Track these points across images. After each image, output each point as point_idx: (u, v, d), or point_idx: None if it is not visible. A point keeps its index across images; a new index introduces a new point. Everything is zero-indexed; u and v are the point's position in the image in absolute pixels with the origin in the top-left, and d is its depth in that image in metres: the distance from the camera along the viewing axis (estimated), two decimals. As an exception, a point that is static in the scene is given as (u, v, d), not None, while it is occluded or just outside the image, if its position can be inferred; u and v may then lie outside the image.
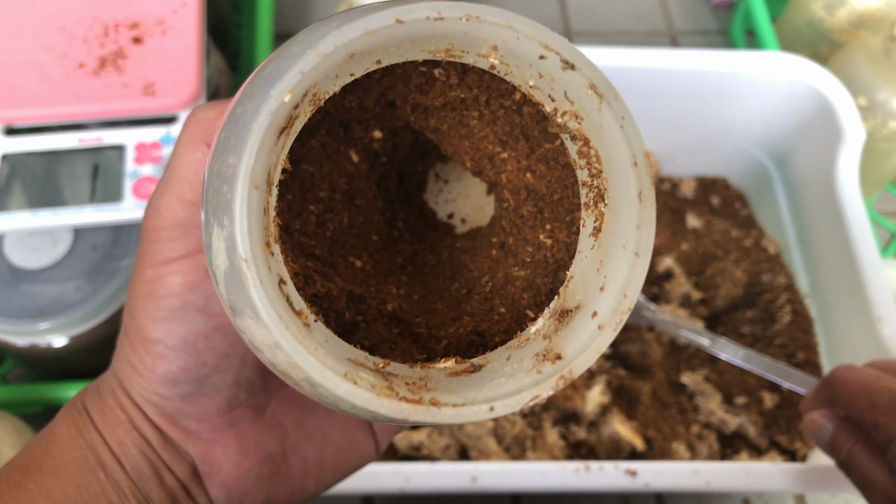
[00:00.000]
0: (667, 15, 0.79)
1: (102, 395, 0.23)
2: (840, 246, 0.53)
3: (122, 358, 0.23)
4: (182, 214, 0.22)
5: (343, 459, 0.26)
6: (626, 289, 0.19)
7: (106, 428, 0.23)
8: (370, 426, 0.27)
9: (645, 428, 0.52)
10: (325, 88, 0.18)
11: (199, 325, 0.22)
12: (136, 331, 0.22)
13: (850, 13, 0.65)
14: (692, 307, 0.58)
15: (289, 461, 0.25)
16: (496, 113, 0.23)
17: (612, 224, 0.20)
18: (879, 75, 0.58)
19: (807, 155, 0.60)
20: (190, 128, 0.23)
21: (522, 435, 0.50)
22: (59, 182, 0.47)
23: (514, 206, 0.24)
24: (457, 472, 0.43)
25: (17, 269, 0.47)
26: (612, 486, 0.43)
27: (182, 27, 0.50)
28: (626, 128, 0.19)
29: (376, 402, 0.17)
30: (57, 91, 0.47)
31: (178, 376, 0.22)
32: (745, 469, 0.44)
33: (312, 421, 0.26)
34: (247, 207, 0.17)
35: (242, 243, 0.17)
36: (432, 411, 0.17)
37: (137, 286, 0.22)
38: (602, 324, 0.19)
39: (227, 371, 0.23)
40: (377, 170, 0.25)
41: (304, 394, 0.19)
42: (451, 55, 0.19)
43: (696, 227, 0.63)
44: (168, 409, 0.23)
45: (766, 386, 0.54)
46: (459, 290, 0.24)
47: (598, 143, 0.20)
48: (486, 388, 0.18)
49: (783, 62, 0.57)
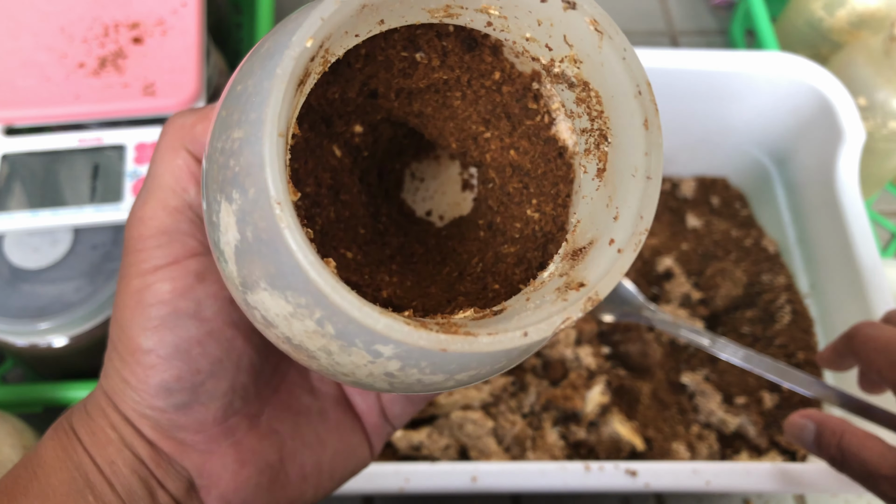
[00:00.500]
0: (667, 15, 0.79)
1: (91, 415, 0.23)
2: (840, 246, 0.53)
3: (112, 373, 0.22)
4: (167, 222, 0.22)
5: (340, 464, 0.26)
6: (641, 210, 0.19)
7: (95, 448, 0.22)
8: (364, 430, 0.27)
9: (645, 428, 0.52)
10: (336, 45, 0.18)
11: (191, 332, 0.22)
12: (125, 342, 0.22)
13: (849, 13, 0.65)
14: (692, 307, 0.58)
15: (287, 469, 0.25)
16: (478, 93, 0.23)
17: (618, 159, 0.20)
18: (879, 75, 0.58)
19: (807, 155, 0.60)
20: (169, 134, 0.23)
21: (522, 435, 0.50)
22: (59, 182, 0.47)
23: (500, 184, 0.24)
24: (457, 472, 0.43)
25: (17, 269, 0.47)
26: (612, 486, 0.43)
27: (182, 27, 0.50)
28: (629, 59, 0.19)
29: (415, 334, 0.16)
30: (57, 91, 0.47)
31: (172, 385, 0.22)
32: (745, 469, 0.44)
33: (308, 427, 0.25)
34: (276, 153, 0.16)
35: (274, 185, 0.16)
36: (469, 340, 0.17)
37: (124, 297, 0.22)
38: (621, 248, 0.19)
39: (221, 377, 0.23)
40: (359, 164, 0.25)
41: (314, 369, 0.19)
42: (449, 13, 0.19)
43: (696, 226, 0.63)
44: (163, 421, 0.22)
45: (766, 386, 0.54)
46: (451, 273, 0.24)
47: (599, 83, 0.20)
48: (515, 321, 0.18)
49: (783, 62, 0.57)
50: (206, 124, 0.22)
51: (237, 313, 0.23)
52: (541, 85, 0.22)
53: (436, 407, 0.51)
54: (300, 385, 0.26)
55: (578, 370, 0.53)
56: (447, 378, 0.19)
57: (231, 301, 0.23)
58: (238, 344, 0.23)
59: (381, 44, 0.22)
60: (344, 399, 0.27)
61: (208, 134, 0.19)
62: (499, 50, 0.22)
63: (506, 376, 0.52)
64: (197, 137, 0.22)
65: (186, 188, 0.22)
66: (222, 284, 0.22)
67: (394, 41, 0.22)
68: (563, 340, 0.53)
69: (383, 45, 0.22)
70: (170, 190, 0.22)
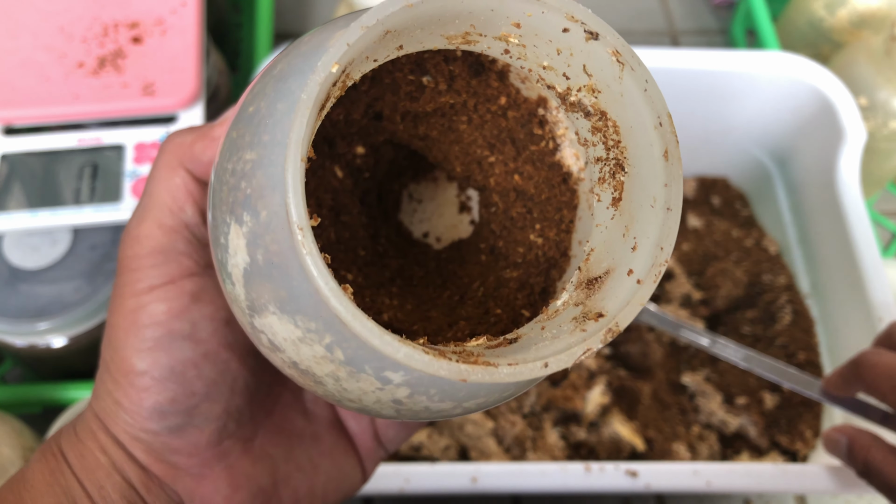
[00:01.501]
0: (667, 14, 0.79)
1: (80, 438, 0.22)
2: (841, 246, 0.53)
3: (104, 394, 0.22)
4: (163, 241, 0.22)
5: (332, 488, 0.25)
6: (661, 242, 0.19)
7: (84, 472, 0.22)
8: (357, 454, 0.26)
9: (645, 428, 0.52)
10: (355, 69, 0.18)
11: (186, 354, 0.21)
12: (118, 364, 0.22)
13: (850, 13, 0.65)
14: (693, 307, 0.58)
15: (280, 493, 0.24)
16: (484, 117, 0.23)
17: (635, 189, 0.20)
18: (880, 75, 0.58)
19: (808, 155, 0.59)
20: (167, 153, 0.22)
21: (523, 435, 0.50)
22: (58, 182, 0.47)
23: (503, 208, 0.24)
24: (457, 472, 0.43)
25: (16, 269, 0.47)
26: (612, 486, 0.43)
27: (182, 27, 0.50)
28: (650, 91, 0.19)
29: (435, 364, 0.16)
30: (56, 91, 0.47)
31: (166, 408, 0.21)
32: (745, 470, 0.44)
33: (301, 451, 0.25)
34: (299, 178, 0.16)
35: (297, 211, 0.16)
36: (490, 370, 0.17)
37: (118, 317, 0.22)
38: (640, 278, 0.19)
39: (216, 400, 0.22)
40: (360, 185, 0.25)
41: (319, 395, 0.19)
42: (467, 40, 0.19)
43: (697, 227, 0.62)
44: (156, 444, 0.22)
45: (766, 386, 0.54)
46: (452, 297, 0.24)
47: (617, 113, 0.20)
48: (534, 350, 0.18)
49: (784, 62, 0.57)
50: (205, 142, 0.22)
51: (232, 335, 0.23)
52: (546, 111, 0.22)
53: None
54: (294, 408, 0.26)
55: (579, 371, 0.53)
56: (455, 406, 0.19)
57: (226, 322, 0.22)
58: (233, 366, 0.23)
59: (388, 66, 0.22)
60: (337, 422, 0.26)
61: (216, 153, 0.19)
62: (505, 75, 0.22)
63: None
64: (196, 156, 0.22)
65: (183, 207, 0.22)
66: (218, 305, 0.22)
67: (401, 64, 0.22)
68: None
69: (390, 67, 0.22)
70: (166, 209, 0.22)
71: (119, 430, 0.22)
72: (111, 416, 0.22)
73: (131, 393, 0.21)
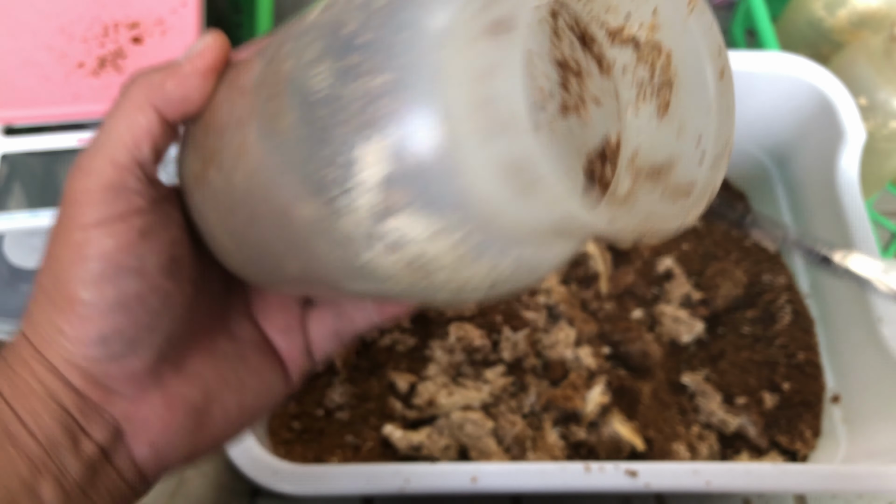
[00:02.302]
0: (667, 15, 0.79)
1: (12, 366, 0.23)
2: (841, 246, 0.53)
3: (43, 322, 0.22)
4: (114, 177, 0.22)
5: (260, 403, 0.27)
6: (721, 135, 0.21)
7: (16, 399, 0.22)
8: (284, 368, 0.28)
9: (645, 428, 0.52)
10: None
11: (133, 287, 0.22)
12: (61, 292, 0.22)
13: (850, 13, 0.65)
14: (692, 307, 0.58)
15: (211, 410, 0.25)
16: None
17: (684, 100, 0.22)
18: (880, 75, 0.58)
19: (807, 155, 0.59)
20: (135, 92, 0.22)
21: (522, 435, 0.50)
22: (58, 182, 0.47)
23: None
24: (457, 472, 0.43)
25: (16, 269, 0.47)
26: (612, 486, 0.43)
27: (182, 27, 0.50)
28: (714, 31, 0.21)
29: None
30: (56, 91, 0.47)
31: (110, 337, 0.22)
32: (745, 469, 0.44)
33: (229, 371, 0.26)
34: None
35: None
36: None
37: (62, 248, 0.22)
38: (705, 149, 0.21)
39: (158, 329, 0.23)
40: None
41: (405, 296, 0.20)
42: None
43: (697, 226, 0.62)
44: (94, 370, 0.22)
45: (766, 386, 0.54)
46: None
47: (674, 44, 0.21)
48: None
49: (784, 62, 0.57)
50: (177, 80, 0.22)
51: (176, 267, 0.23)
52: None
53: (436, 407, 0.51)
54: (222, 333, 0.27)
55: (578, 370, 0.53)
56: (537, 279, 0.21)
57: (172, 258, 0.23)
58: (175, 297, 0.23)
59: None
60: (262, 343, 0.28)
61: (298, 79, 0.19)
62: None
63: (506, 377, 0.52)
64: (167, 95, 0.22)
65: (140, 146, 0.22)
66: (165, 241, 0.23)
67: None
68: (563, 341, 0.53)
69: None
70: (122, 146, 0.22)
71: (56, 356, 0.22)
72: (49, 343, 0.22)
73: (74, 321, 0.22)
